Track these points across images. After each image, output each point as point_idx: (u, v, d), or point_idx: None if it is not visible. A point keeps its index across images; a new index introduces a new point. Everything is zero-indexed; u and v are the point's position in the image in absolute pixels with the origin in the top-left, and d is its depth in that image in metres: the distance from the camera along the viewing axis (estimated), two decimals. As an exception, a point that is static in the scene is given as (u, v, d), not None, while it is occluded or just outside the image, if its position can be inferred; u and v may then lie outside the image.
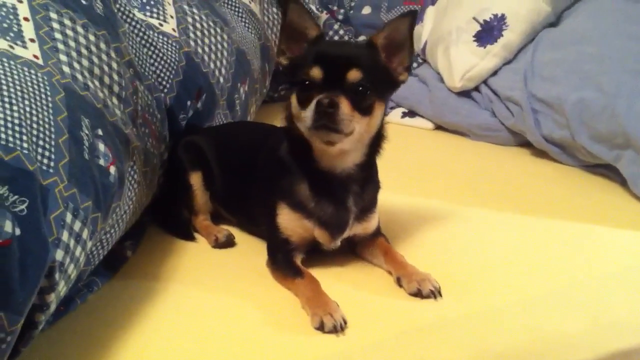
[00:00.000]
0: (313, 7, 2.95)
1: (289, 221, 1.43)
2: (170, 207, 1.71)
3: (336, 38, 3.04)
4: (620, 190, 1.89)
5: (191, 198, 1.68)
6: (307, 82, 1.31)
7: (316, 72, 1.30)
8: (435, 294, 1.33)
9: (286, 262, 1.42)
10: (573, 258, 1.51)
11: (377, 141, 1.42)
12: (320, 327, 1.21)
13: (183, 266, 1.50)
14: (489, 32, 2.37)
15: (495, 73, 2.38)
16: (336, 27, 3.06)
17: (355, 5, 3.36)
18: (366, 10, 3.31)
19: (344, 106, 1.27)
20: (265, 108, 2.60)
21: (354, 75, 1.30)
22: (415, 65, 2.86)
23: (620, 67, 1.89)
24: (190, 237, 1.64)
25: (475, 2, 2.47)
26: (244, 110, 2.11)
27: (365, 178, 1.45)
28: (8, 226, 0.95)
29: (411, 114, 2.67)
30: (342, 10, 3.19)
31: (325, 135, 1.30)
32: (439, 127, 2.59)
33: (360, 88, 1.30)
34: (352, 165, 1.41)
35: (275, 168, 1.46)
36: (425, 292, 1.33)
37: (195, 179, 1.68)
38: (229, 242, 1.60)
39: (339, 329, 1.21)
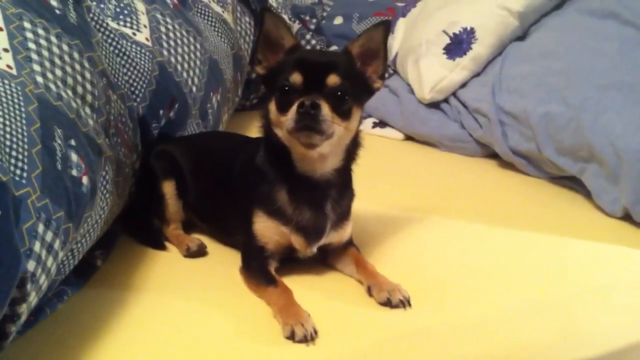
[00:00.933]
0: (285, 17, 2.97)
1: (265, 228, 1.45)
2: (141, 216, 1.71)
3: (308, 48, 3.07)
4: (585, 202, 1.93)
5: (163, 207, 1.68)
6: (287, 88, 1.33)
7: (296, 77, 1.33)
8: (404, 303, 1.36)
9: (260, 270, 1.43)
10: (540, 269, 1.54)
11: (353, 147, 1.46)
12: (291, 337, 1.23)
13: (154, 275, 1.50)
14: (458, 45, 2.42)
15: (464, 85, 2.43)
16: (308, 37, 3.09)
17: (327, 16, 3.40)
18: (338, 20, 3.35)
19: (325, 108, 1.30)
20: (238, 117, 2.61)
21: (333, 80, 1.34)
22: (386, 76, 2.88)
23: (586, 82, 1.94)
24: (161, 247, 1.64)
25: (445, 16, 2.51)
26: (217, 120, 2.12)
27: (343, 184, 1.48)
28: (-20, 237, 0.95)
29: (382, 124, 2.71)
30: (314, 21, 3.22)
31: (306, 137, 1.33)
32: (409, 138, 2.63)
33: (339, 93, 1.34)
34: (331, 170, 1.43)
35: (251, 176, 1.48)
36: (394, 301, 1.36)
37: (168, 188, 1.68)
38: (201, 252, 1.60)
39: (309, 338, 1.22)
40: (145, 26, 1.81)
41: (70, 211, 1.16)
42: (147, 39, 1.79)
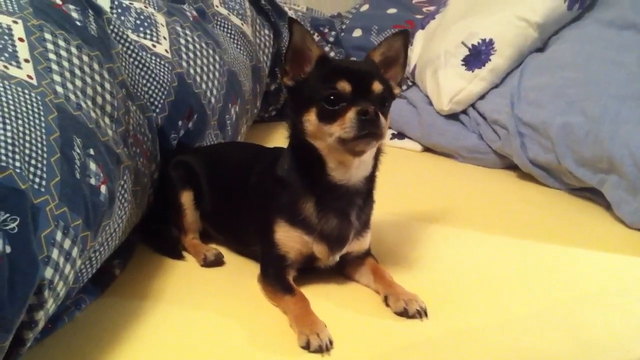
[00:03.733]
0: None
1: (287, 238, 1.45)
2: (159, 225, 1.72)
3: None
4: (605, 213, 1.91)
5: (181, 216, 1.70)
6: (332, 97, 1.33)
7: (345, 86, 1.34)
8: (421, 314, 1.35)
9: (278, 278, 1.44)
10: (556, 279, 1.53)
11: (378, 153, 1.47)
12: (306, 346, 1.23)
13: (171, 285, 1.51)
14: (477, 56, 2.41)
15: (482, 97, 2.41)
16: (327, 49, 3.11)
17: (346, 28, 3.41)
18: (357, 33, 3.36)
19: (380, 114, 1.32)
20: (256, 128, 2.63)
21: (377, 87, 1.36)
22: (404, 87, 2.89)
23: (605, 93, 1.93)
24: (178, 256, 1.65)
25: (463, 27, 2.51)
26: (235, 131, 2.14)
27: (368, 192, 1.49)
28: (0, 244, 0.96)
29: (400, 135, 2.71)
30: (333, 33, 3.24)
31: (366, 144, 1.34)
32: (427, 149, 2.63)
33: (382, 98, 1.37)
34: (362, 178, 1.44)
35: (272, 187, 1.48)
36: (411, 311, 1.35)
37: (186, 198, 1.69)
38: (218, 261, 1.61)
39: (324, 349, 1.22)
40: (165, 38, 1.83)
41: (88, 219, 1.18)
42: (166, 50, 1.81)
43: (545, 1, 2.34)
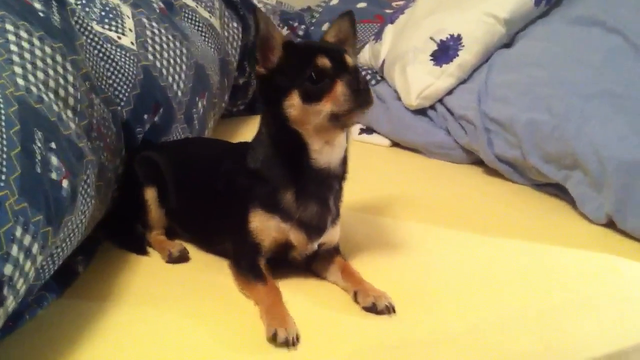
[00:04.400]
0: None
1: (263, 226, 1.44)
2: (124, 221, 1.70)
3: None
4: (569, 209, 1.93)
5: (145, 213, 1.67)
6: (314, 75, 1.33)
7: (324, 61, 1.34)
8: (389, 309, 1.35)
9: (251, 266, 1.43)
10: (524, 277, 1.54)
11: (348, 131, 1.47)
12: (273, 338, 1.22)
13: (136, 282, 1.49)
14: (445, 51, 2.42)
15: (450, 92, 2.42)
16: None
17: (316, 22, 3.41)
18: (326, 27, 3.35)
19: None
20: (224, 122, 2.60)
21: (350, 60, 1.38)
22: (373, 82, 2.90)
23: (570, 91, 1.95)
24: (143, 252, 1.63)
25: (432, 23, 2.52)
26: (202, 125, 2.11)
27: (342, 175, 1.49)
28: (-44, 240, 0.94)
29: (368, 130, 2.71)
30: (302, 27, 3.23)
31: (359, 115, 1.36)
32: (395, 144, 2.63)
33: (356, 70, 1.38)
34: (340, 160, 1.45)
35: (245, 180, 1.47)
36: (380, 307, 1.35)
37: (150, 194, 1.67)
38: (183, 257, 1.59)
39: (290, 343, 1.22)
40: (130, 30, 1.80)
41: (50, 215, 1.15)
42: (132, 42, 1.78)
43: (513, -2, 2.37)
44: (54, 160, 1.20)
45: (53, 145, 1.21)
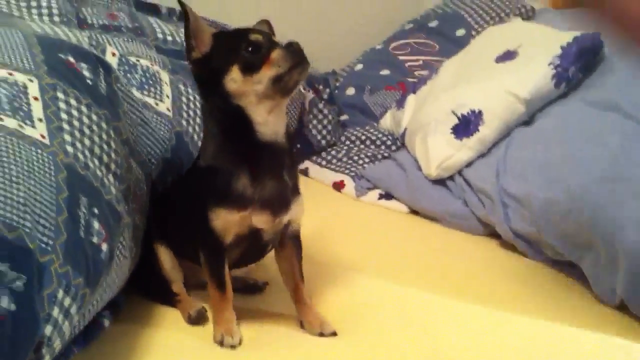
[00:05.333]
0: (300, 87, 3.08)
1: (224, 222, 1.50)
2: (151, 271, 1.73)
3: (320, 116, 3.17)
4: (584, 289, 1.96)
5: (159, 267, 1.71)
6: (250, 48, 1.46)
7: (257, 36, 1.49)
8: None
9: (217, 272, 1.55)
10: (533, 356, 1.57)
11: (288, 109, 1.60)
12: (220, 343, 1.46)
13: (160, 338, 1.54)
14: (465, 126, 2.50)
15: (469, 164, 2.50)
16: (320, 106, 3.19)
17: (340, 86, 3.52)
18: (350, 91, 3.47)
19: None
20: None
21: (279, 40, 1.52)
22: (394, 148, 2.98)
23: (587, 173, 2.00)
24: (170, 303, 1.69)
25: (454, 96, 2.61)
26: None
27: (290, 150, 1.58)
28: (4, 302, 1.01)
29: (387, 196, 2.77)
30: (327, 90, 3.33)
31: (299, 74, 1.47)
32: (413, 212, 2.69)
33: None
34: (283, 133, 1.53)
35: (200, 178, 1.56)
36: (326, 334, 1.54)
37: (160, 248, 1.71)
38: (201, 318, 1.62)
39: (236, 347, 1.46)
40: (167, 96, 1.90)
41: (89, 277, 1.22)
42: (168, 109, 1.87)
43: (534, 78, 2.45)
44: (96, 224, 1.28)
45: (96, 210, 1.29)
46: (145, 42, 2.16)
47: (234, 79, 1.46)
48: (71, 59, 1.53)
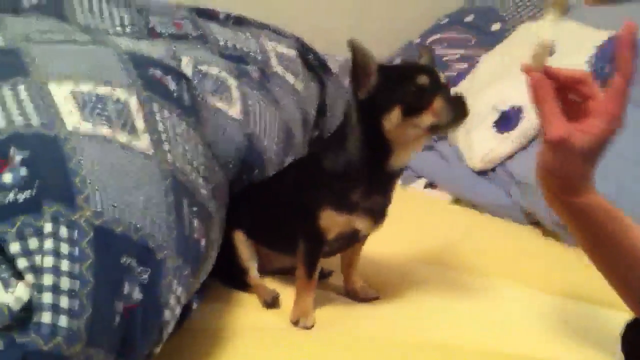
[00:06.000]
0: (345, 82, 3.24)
1: (331, 222, 1.67)
2: (229, 259, 1.88)
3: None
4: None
5: (237, 255, 1.88)
6: (414, 91, 1.52)
7: (424, 79, 1.53)
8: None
9: (313, 264, 1.72)
10: (574, 335, 1.71)
11: None
12: (295, 324, 1.65)
13: (240, 316, 1.74)
14: (507, 120, 2.65)
15: (511, 157, 2.64)
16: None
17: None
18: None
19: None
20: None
21: (443, 76, 1.60)
22: (435, 139, 3.13)
23: (624, 166, 2.14)
24: (246, 288, 1.87)
25: (495, 93, 2.75)
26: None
27: (402, 172, 1.73)
28: (135, 292, 1.19)
29: (432, 185, 2.93)
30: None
31: (459, 124, 1.57)
32: (456, 200, 2.84)
33: (447, 86, 1.60)
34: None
35: (319, 179, 1.70)
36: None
37: (239, 237, 1.88)
38: (275, 303, 1.80)
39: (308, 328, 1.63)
40: (237, 100, 2.06)
41: (193, 268, 1.41)
42: (238, 112, 2.04)
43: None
44: (196, 222, 1.46)
45: (195, 209, 1.47)
46: (210, 48, 2.32)
47: (392, 119, 1.55)
48: (158, 73, 1.69)
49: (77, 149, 1.27)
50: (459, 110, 1.52)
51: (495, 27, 3.61)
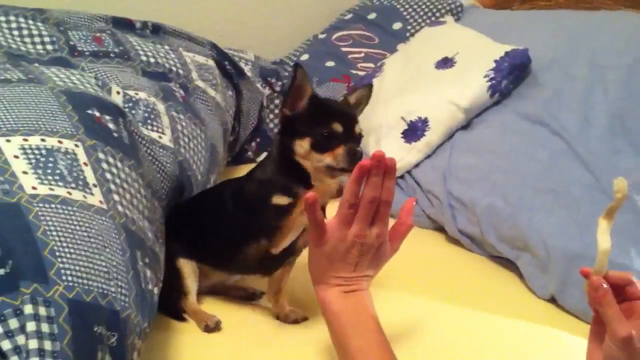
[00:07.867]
0: (258, 85, 3.31)
1: (282, 200, 1.78)
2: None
3: (277, 111, 3.42)
4: (519, 282, 2.35)
5: (179, 279, 1.92)
6: (326, 134, 1.71)
7: (338, 127, 1.72)
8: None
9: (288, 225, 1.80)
10: (469, 345, 1.86)
11: None
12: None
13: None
14: (414, 131, 2.84)
15: (417, 165, 2.84)
16: (277, 101, 3.44)
17: (288, 77, 3.73)
18: (298, 82, 3.69)
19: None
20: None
21: (358, 129, 1.78)
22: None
23: (523, 183, 2.39)
24: (181, 318, 1.94)
25: (403, 104, 2.94)
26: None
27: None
28: (107, 358, 1.26)
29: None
30: (279, 83, 3.56)
31: (348, 174, 1.65)
32: (365, 204, 3.01)
33: (359, 138, 1.78)
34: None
35: (259, 187, 1.83)
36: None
37: (181, 261, 1.93)
38: (217, 328, 1.87)
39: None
40: (167, 127, 2.10)
41: (150, 318, 1.48)
42: (169, 140, 2.07)
43: (473, 89, 2.80)
44: (149, 272, 1.52)
45: (147, 260, 1.53)
46: (134, 67, 2.32)
47: (302, 146, 1.73)
48: (97, 114, 1.69)
49: (39, 216, 1.30)
50: (352, 163, 1.65)
51: (397, 26, 3.78)
